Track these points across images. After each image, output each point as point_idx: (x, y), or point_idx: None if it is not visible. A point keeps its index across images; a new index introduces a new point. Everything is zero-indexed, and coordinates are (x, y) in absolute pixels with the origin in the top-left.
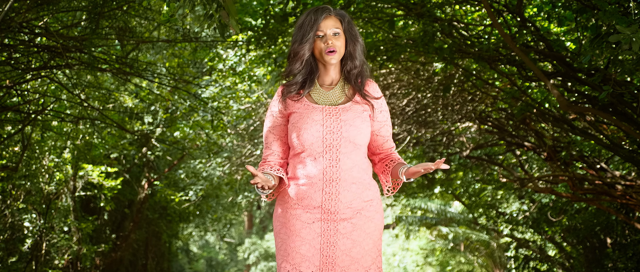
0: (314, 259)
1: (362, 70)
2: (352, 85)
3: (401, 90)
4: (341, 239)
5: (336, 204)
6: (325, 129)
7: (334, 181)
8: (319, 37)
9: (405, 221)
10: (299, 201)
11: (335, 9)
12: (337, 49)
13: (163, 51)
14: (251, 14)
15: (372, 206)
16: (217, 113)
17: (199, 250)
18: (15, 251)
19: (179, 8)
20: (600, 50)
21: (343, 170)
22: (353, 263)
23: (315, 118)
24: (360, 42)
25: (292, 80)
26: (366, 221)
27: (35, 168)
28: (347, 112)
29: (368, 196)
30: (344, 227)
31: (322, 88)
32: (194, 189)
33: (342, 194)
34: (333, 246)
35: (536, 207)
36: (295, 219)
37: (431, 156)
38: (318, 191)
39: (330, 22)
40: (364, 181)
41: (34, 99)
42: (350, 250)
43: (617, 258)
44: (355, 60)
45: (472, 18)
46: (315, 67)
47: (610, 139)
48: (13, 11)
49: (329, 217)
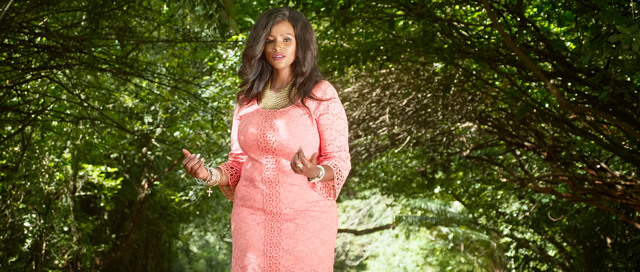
0: (259, 260)
1: (310, 76)
2: (298, 91)
3: (401, 90)
4: (284, 239)
5: (277, 205)
6: (260, 132)
7: (272, 182)
8: (269, 41)
9: (405, 221)
10: (244, 201)
11: (292, 11)
12: (286, 55)
13: (163, 51)
14: (251, 14)
15: (318, 206)
16: (217, 113)
17: (199, 250)
18: (15, 251)
19: (179, 8)
20: (600, 50)
21: (282, 172)
22: (297, 262)
23: (253, 122)
24: (312, 48)
25: (243, 81)
26: (310, 220)
27: (35, 168)
28: (282, 115)
29: (313, 197)
30: (287, 227)
31: (271, 91)
32: (194, 189)
33: (283, 195)
34: (276, 246)
35: (536, 207)
36: (242, 221)
37: (431, 156)
38: (258, 193)
39: (283, 27)
40: (306, 184)
41: (34, 99)
42: (294, 249)
43: (617, 258)
44: (304, 67)
45: (472, 18)
46: (269, 69)
47: (610, 139)
48: (13, 11)
49: (272, 218)
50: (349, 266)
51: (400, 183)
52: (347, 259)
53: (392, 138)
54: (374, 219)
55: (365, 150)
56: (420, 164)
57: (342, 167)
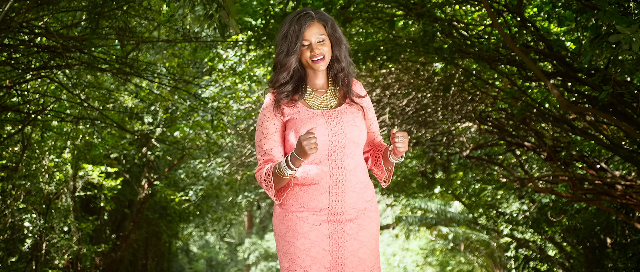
0: (324, 261)
1: (348, 72)
2: (340, 88)
3: (401, 90)
4: (349, 240)
5: (342, 205)
6: (330, 131)
7: (340, 182)
8: (304, 46)
9: (405, 221)
10: (304, 204)
11: (317, 11)
12: (325, 55)
13: (163, 51)
14: (251, 14)
15: (373, 205)
16: (217, 113)
17: (199, 250)
18: (15, 251)
19: (179, 8)
20: (600, 50)
21: (348, 171)
22: (360, 264)
23: (318, 122)
24: (345, 43)
25: (281, 89)
26: (369, 221)
27: (35, 168)
28: (346, 114)
29: (369, 196)
30: (350, 228)
31: (314, 93)
32: (194, 189)
33: (348, 195)
34: (341, 248)
35: (536, 207)
36: (302, 222)
37: (431, 156)
38: (324, 193)
39: (315, 29)
40: (365, 181)
41: (34, 99)
42: (358, 251)
43: (617, 258)
44: (342, 62)
45: (472, 18)
46: (304, 73)
47: (610, 139)
48: (13, 11)
49: (336, 218)
50: None
51: (400, 183)
52: None
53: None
54: None
55: None
56: (420, 164)
57: None
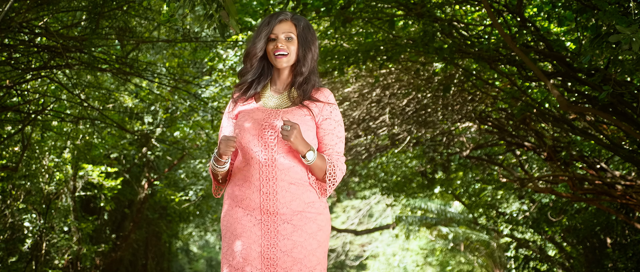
0: (255, 262)
1: (308, 78)
2: (297, 92)
3: (401, 90)
4: (282, 240)
5: (275, 204)
6: (261, 128)
7: (270, 180)
8: (271, 39)
9: (405, 221)
10: (239, 202)
11: (294, 13)
12: (288, 53)
13: (163, 51)
14: (251, 14)
15: (314, 207)
16: (217, 113)
17: (199, 250)
18: (15, 251)
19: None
20: (600, 50)
21: (280, 170)
22: (295, 263)
23: (255, 117)
24: (313, 50)
25: (241, 80)
26: (307, 221)
27: (35, 168)
28: (289, 114)
29: (309, 198)
30: (284, 228)
31: (271, 92)
32: (194, 189)
33: (280, 194)
34: (273, 247)
35: (536, 207)
36: (237, 222)
37: (431, 156)
38: (256, 191)
39: (285, 26)
40: (304, 183)
41: (34, 99)
42: (291, 251)
43: (617, 258)
44: (303, 66)
45: (472, 18)
46: (269, 71)
47: (610, 139)
48: (13, 11)
49: (269, 218)
50: (349, 266)
51: (400, 183)
52: (347, 259)
53: (392, 138)
54: (374, 219)
55: (365, 150)
56: (420, 164)
57: (336, 165)
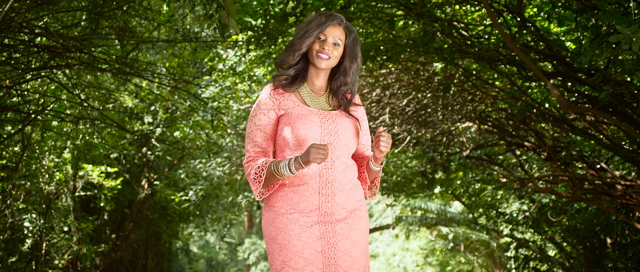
0: (317, 262)
1: (353, 90)
2: (337, 99)
3: (401, 90)
4: (341, 240)
5: (332, 206)
6: (323, 130)
7: (329, 183)
8: (319, 39)
9: (405, 221)
10: (294, 206)
11: (347, 21)
12: (330, 57)
13: (163, 51)
14: (251, 14)
15: (363, 205)
16: (217, 113)
17: (199, 250)
18: (15, 251)
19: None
20: (600, 50)
21: (338, 172)
22: (354, 263)
23: (313, 120)
24: (358, 62)
25: (283, 71)
26: (360, 220)
27: (35, 168)
28: (341, 117)
29: (358, 196)
30: (341, 228)
31: (312, 93)
32: (194, 189)
33: (338, 196)
34: (334, 248)
35: (536, 207)
36: (293, 223)
37: (431, 156)
38: (314, 194)
39: (336, 32)
40: (354, 182)
41: (34, 99)
42: (350, 250)
43: (617, 258)
44: (347, 77)
45: (472, 18)
46: (306, 69)
47: (610, 139)
48: (13, 11)
49: (326, 219)
50: None
51: (400, 183)
52: None
53: (392, 138)
54: (374, 219)
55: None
56: (420, 164)
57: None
